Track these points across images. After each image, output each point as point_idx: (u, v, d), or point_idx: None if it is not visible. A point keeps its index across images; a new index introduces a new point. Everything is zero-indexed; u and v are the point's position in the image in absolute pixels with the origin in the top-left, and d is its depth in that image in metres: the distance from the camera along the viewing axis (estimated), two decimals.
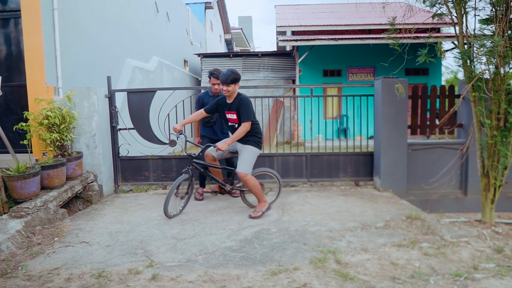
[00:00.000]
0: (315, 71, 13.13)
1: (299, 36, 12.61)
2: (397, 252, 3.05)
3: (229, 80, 3.77)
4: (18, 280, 2.72)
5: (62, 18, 5.77)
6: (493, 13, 3.67)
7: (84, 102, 4.95)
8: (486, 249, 3.10)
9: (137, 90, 5.45)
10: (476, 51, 3.82)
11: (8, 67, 5.31)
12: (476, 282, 2.55)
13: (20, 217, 3.63)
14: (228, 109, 4.00)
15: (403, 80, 5.00)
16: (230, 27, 24.42)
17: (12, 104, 5.35)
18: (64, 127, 4.58)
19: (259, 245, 3.25)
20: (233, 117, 4.00)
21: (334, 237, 3.41)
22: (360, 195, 4.92)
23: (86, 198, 4.79)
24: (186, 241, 3.38)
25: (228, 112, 4.02)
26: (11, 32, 5.29)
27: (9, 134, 4.67)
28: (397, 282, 2.56)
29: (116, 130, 5.35)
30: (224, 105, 4.04)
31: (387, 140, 5.07)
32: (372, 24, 12.96)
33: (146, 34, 10.36)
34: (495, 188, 3.89)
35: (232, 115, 3.99)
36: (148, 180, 5.46)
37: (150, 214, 4.24)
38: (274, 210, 4.30)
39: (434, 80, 12.81)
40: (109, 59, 7.72)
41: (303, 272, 2.73)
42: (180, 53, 14.32)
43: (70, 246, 3.35)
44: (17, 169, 3.88)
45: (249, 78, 13.64)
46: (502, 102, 3.72)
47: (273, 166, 5.46)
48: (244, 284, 2.56)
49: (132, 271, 2.79)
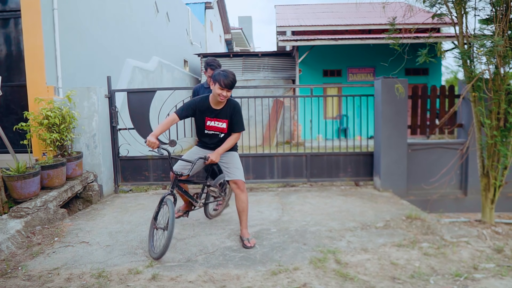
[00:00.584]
0: (315, 71, 13.13)
1: (299, 36, 12.61)
2: (397, 252, 3.05)
3: (233, 86, 3.19)
4: (18, 280, 2.72)
5: (62, 18, 5.77)
6: (493, 13, 3.67)
7: (84, 102, 4.95)
8: (486, 249, 3.10)
9: (137, 90, 5.45)
10: (476, 51, 3.82)
11: (8, 67, 5.31)
12: (476, 282, 2.55)
13: (20, 217, 3.63)
14: (214, 116, 3.30)
15: (403, 80, 5.00)
16: (230, 27, 24.41)
17: (12, 104, 5.35)
18: (64, 127, 4.58)
19: (259, 245, 3.25)
20: (219, 125, 3.34)
21: (334, 237, 3.41)
22: (360, 195, 4.92)
23: (86, 198, 4.79)
24: (186, 241, 3.38)
25: (213, 119, 3.32)
26: (11, 32, 5.29)
27: (9, 134, 4.67)
28: (397, 282, 2.56)
29: (116, 130, 5.35)
30: (206, 110, 3.30)
31: (387, 140, 5.07)
32: (372, 24, 12.96)
33: (146, 34, 10.35)
34: (495, 188, 3.89)
35: (220, 123, 3.33)
36: (148, 180, 5.46)
37: (150, 214, 4.23)
38: (274, 210, 4.30)
39: (434, 80, 12.81)
40: (109, 59, 7.72)
41: (303, 272, 2.73)
42: (180, 53, 14.32)
43: (70, 246, 3.35)
44: (17, 169, 3.88)
45: (249, 78, 13.64)
46: (502, 102, 3.72)
47: (273, 166, 5.46)
48: (244, 284, 2.56)
49: (132, 271, 2.79)
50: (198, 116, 3.34)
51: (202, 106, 3.29)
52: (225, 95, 3.14)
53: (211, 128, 3.36)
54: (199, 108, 3.30)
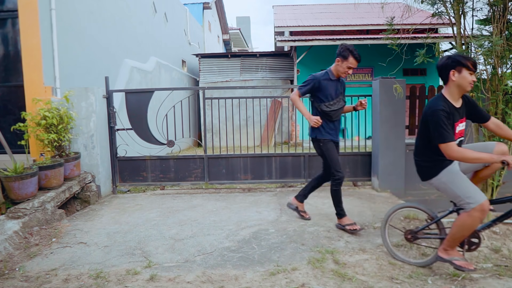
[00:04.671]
0: (313, 72, 12.97)
1: (297, 36, 12.61)
2: (396, 252, 3.05)
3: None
4: (15, 281, 2.71)
5: (59, 18, 5.76)
6: (491, 14, 3.68)
7: (82, 103, 4.93)
8: (483, 249, 3.10)
9: (135, 91, 5.44)
10: (474, 51, 3.83)
11: (6, 67, 5.29)
12: (474, 282, 2.56)
13: (18, 217, 3.62)
14: (460, 117, 2.65)
15: (401, 80, 5.01)
16: (228, 27, 24.41)
17: (9, 105, 5.33)
18: (62, 128, 4.57)
19: (257, 246, 3.25)
20: (463, 127, 2.72)
21: (332, 237, 3.41)
22: (358, 195, 4.92)
23: (84, 198, 4.78)
24: (184, 242, 3.38)
25: (460, 122, 2.66)
26: (8, 32, 5.27)
27: (6, 134, 4.65)
28: (395, 282, 2.57)
29: (114, 131, 5.33)
30: (458, 113, 2.63)
31: (385, 140, 5.08)
32: (370, 24, 12.98)
33: (144, 35, 10.34)
34: (492, 189, 3.89)
35: (463, 124, 2.71)
36: (146, 180, 5.45)
37: (148, 215, 4.23)
38: (272, 210, 4.30)
39: (432, 80, 12.84)
40: (107, 59, 7.71)
41: (301, 272, 2.73)
42: (178, 54, 14.31)
43: (68, 247, 3.34)
44: (15, 170, 3.86)
45: (247, 79, 13.64)
46: (499, 103, 3.72)
47: (271, 167, 5.46)
48: (242, 285, 2.56)
49: (130, 272, 2.79)
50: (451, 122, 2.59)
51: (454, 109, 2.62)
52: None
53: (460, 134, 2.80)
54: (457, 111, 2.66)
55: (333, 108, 3.53)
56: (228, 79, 13.70)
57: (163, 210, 4.43)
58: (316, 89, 3.53)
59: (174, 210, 4.42)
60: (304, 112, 3.55)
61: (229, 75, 13.75)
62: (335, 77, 3.56)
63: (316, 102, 3.58)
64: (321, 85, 3.51)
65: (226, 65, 13.73)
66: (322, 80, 3.52)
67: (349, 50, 3.41)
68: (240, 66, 13.75)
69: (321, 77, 3.53)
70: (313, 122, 3.49)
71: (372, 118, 5.32)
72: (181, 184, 5.49)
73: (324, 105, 3.51)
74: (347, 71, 3.46)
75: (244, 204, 4.62)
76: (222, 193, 5.25)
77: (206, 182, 5.45)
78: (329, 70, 3.58)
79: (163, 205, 4.64)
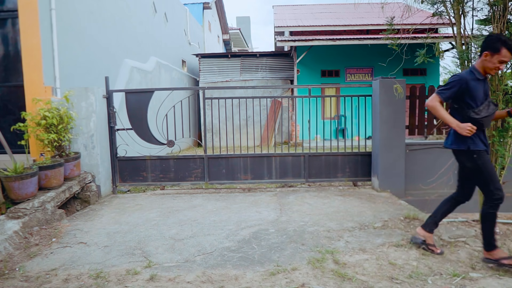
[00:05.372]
0: (313, 72, 13.13)
1: (297, 36, 12.62)
2: (395, 252, 3.05)
3: None
4: (15, 281, 2.71)
5: (59, 18, 5.76)
6: (491, 14, 3.68)
7: (82, 103, 4.93)
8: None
9: (135, 91, 5.44)
10: (474, 51, 3.83)
11: (6, 67, 5.29)
12: (474, 282, 2.56)
13: (18, 217, 3.62)
14: None
15: (401, 80, 5.02)
16: (228, 27, 24.41)
17: (9, 105, 5.33)
18: (62, 128, 4.57)
19: (257, 246, 3.25)
20: None
21: (332, 237, 3.41)
22: (358, 195, 4.92)
23: (84, 198, 4.78)
24: (184, 242, 3.38)
25: None
26: (8, 32, 5.27)
27: (6, 134, 4.65)
28: (395, 282, 2.57)
29: (114, 131, 5.34)
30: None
31: (385, 140, 5.08)
32: (370, 24, 12.99)
33: (144, 35, 10.34)
34: None
35: None
36: (146, 180, 5.46)
37: (148, 215, 4.23)
38: (272, 210, 4.30)
39: (432, 80, 12.85)
40: (107, 59, 7.71)
41: (301, 272, 2.73)
42: (178, 54, 14.31)
43: (68, 247, 3.34)
44: (15, 170, 3.86)
45: (247, 79, 13.64)
46: (499, 103, 3.72)
47: (271, 167, 5.46)
48: (242, 285, 2.56)
49: (130, 272, 2.79)
50: None
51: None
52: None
53: None
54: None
55: (484, 114, 2.86)
56: (228, 79, 13.70)
57: (163, 210, 4.43)
58: (464, 91, 2.86)
59: (174, 210, 4.42)
60: (450, 121, 2.88)
61: (229, 75, 13.75)
62: (482, 75, 2.90)
63: (461, 108, 2.94)
64: (469, 87, 2.84)
65: (226, 65, 13.74)
66: (470, 80, 2.85)
67: (501, 41, 2.77)
68: (240, 66, 13.75)
69: (469, 77, 2.87)
70: (466, 131, 2.77)
71: (372, 118, 5.32)
72: (181, 184, 5.49)
73: (473, 111, 2.85)
74: (499, 67, 2.81)
75: (244, 204, 4.62)
76: (222, 193, 5.25)
77: (206, 182, 5.45)
78: (473, 68, 2.92)
79: (163, 205, 4.64)
